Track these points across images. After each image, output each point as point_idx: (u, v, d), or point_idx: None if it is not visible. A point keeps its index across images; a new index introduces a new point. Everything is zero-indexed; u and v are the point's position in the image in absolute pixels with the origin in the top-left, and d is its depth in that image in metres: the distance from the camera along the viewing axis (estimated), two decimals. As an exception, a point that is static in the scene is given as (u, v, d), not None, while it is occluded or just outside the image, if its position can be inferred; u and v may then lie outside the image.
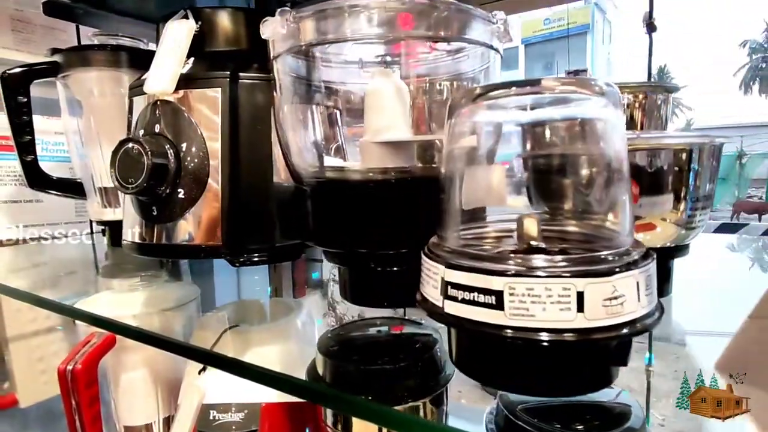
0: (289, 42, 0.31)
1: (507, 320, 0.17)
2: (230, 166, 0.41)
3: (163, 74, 0.41)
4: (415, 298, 0.28)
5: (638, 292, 0.17)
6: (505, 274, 0.17)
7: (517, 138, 0.22)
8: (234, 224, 0.41)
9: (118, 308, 0.56)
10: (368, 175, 0.31)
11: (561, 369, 0.18)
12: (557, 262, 0.17)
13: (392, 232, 0.31)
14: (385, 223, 0.31)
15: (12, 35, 0.89)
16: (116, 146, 0.41)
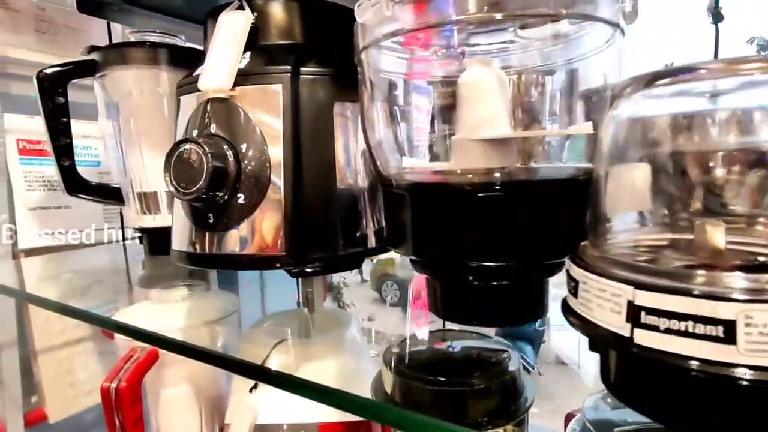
0: (392, 26, 0.27)
1: (740, 358, 0.14)
2: (293, 168, 0.38)
3: (219, 70, 0.38)
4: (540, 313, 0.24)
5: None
6: (737, 299, 0.14)
7: (704, 129, 0.18)
8: (298, 232, 0.38)
9: (160, 320, 0.53)
10: (475, 178, 0.28)
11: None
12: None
13: (498, 242, 0.27)
14: (491, 232, 0.27)
15: (35, 36, 0.87)
16: (171, 148, 0.37)
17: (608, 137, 0.19)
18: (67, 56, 0.90)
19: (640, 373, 0.17)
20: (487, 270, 0.28)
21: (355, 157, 0.42)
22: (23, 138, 0.71)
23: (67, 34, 0.91)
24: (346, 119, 0.41)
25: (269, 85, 0.38)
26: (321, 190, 0.39)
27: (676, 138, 0.19)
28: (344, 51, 0.44)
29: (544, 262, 0.28)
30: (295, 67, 0.38)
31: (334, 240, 0.40)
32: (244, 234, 0.38)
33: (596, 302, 0.17)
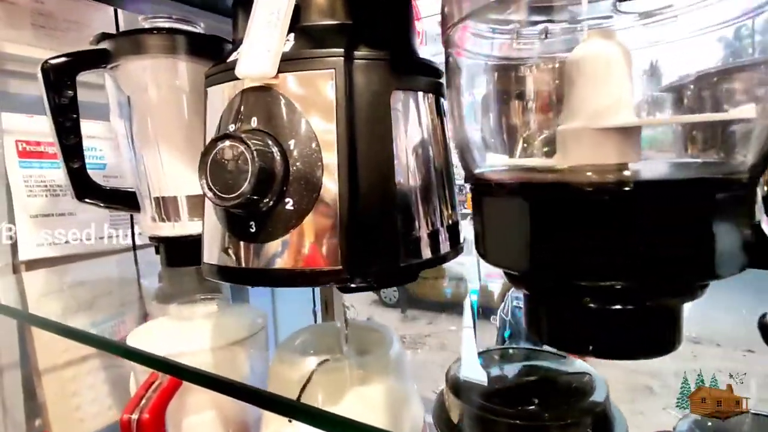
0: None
1: None
2: (348, 167, 0.32)
3: (261, 54, 0.32)
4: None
5: None
6: None
7: None
8: (356, 241, 0.32)
9: (182, 342, 0.47)
10: (600, 176, 0.22)
11: None
12: None
13: (630, 257, 0.22)
14: (622, 245, 0.22)
15: (32, 30, 0.80)
16: (206, 146, 0.32)
17: None
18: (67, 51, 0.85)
19: None
20: (612, 291, 0.23)
21: (416, 153, 0.36)
22: (23, 139, 0.65)
23: (68, 28, 0.85)
24: (404, 110, 0.36)
25: (319, 70, 0.33)
26: (379, 193, 0.34)
27: None
28: (398, 31, 0.39)
29: (687, 284, 0.23)
30: (348, 50, 0.33)
31: (394, 250, 0.34)
32: (293, 245, 0.32)
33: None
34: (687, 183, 0.22)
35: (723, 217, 0.21)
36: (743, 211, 0.22)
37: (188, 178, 0.49)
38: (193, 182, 0.49)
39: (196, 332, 0.49)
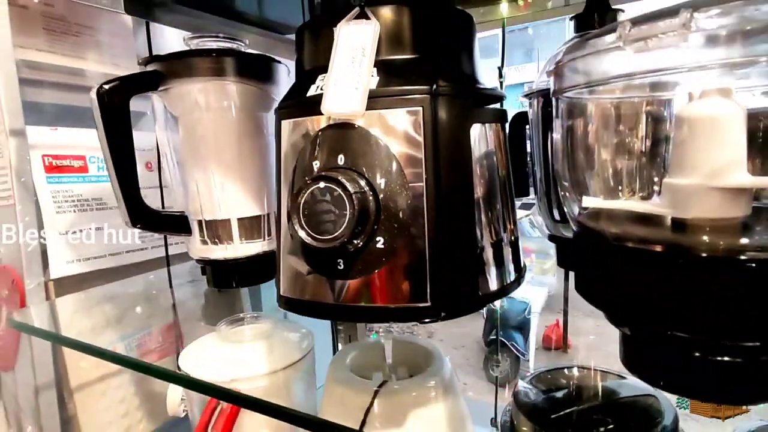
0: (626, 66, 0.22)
1: None
2: (436, 205, 0.33)
3: (348, 91, 0.32)
4: None
5: None
6: None
7: None
8: (444, 278, 0.33)
9: (234, 367, 0.47)
10: (719, 245, 0.23)
11: None
12: None
13: (744, 321, 0.23)
14: (738, 309, 0.23)
15: (44, 35, 0.78)
16: (299, 186, 0.32)
17: None
18: (80, 56, 0.82)
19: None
20: (726, 347, 0.24)
21: (489, 186, 0.37)
22: (49, 153, 0.63)
23: (79, 32, 0.82)
24: (480, 143, 0.36)
25: (407, 108, 0.33)
26: (462, 231, 0.34)
27: None
28: (470, 63, 0.39)
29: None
30: (434, 86, 0.33)
31: (474, 284, 0.35)
32: (381, 282, 0.33)
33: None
34: None
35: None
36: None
37: (241, 200, 0.48)
38: (246, 204, 0.49)
39: (249, 356, 0.49)
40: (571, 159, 0.28)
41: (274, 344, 0.51)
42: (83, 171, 0.66)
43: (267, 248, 0.50)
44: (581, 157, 0.28)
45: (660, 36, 0.20)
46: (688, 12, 0.19)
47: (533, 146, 0.54)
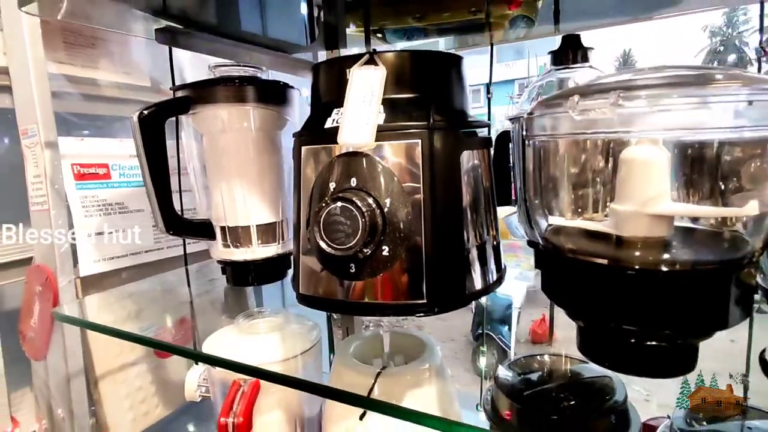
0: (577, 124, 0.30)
1: None
2: (432, 219, 0.40)
3: (361, 125, 0.39)
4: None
5: None
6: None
7: None
8: (438, 280, 0.40)
9: (256, 354, 0.54)
10: (644, 257, 0.31)
11: None
12: None
13: (663, 318, 0.31)
14: (660, 309, 0.31)
15: (64, 48, 0.83)
16: (318, 205, 0.39)
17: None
18: (99, 68, 0.87)
19: None
20: (651, 335, 0.32)
21: (475, 202, 0.44)
22: (77, 162, 0.69)
23: (94, 44, 0.87)
24: (468, 167, 0.43)
25: (409, 140, 0.40)
26: (453, 240, 0.41)
27: None
28: (460, 99, 0.46)
29: (706, 333, 0.32)
30: (431, 121, 0.40)
31: (462, 284, 0.42)
32: (386, 283, 0.40)
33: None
34: (711, 271, 0.31)
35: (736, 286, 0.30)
36: (750, 279, 0.31)
37: (259, 208, 0.55)
38: (263, 212, 0.56)
39: (265, 345, 0.56)
40: (538, 185, 0.36)
41: (286, 335, 0.58)
42: (107, 177, 0.72)
43: (281, 251, 0.57)
44: (546, 184, 0.36)
45: (596, 109, 0.27)
46: (616, 94, 0.26)
47: (515, 161, 0.61)
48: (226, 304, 0.68)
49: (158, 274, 0.75)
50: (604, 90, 0.27)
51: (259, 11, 0.70)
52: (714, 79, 0.28)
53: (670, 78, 0.29)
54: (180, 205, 0.69)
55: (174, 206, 0.51)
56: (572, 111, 0.29)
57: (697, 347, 0.33)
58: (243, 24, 0.68)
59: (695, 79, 0.29)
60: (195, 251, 0.77)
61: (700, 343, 0.33)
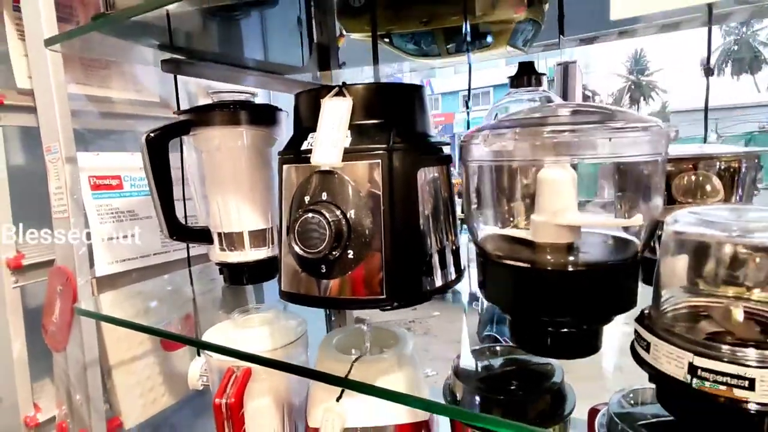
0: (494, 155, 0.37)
1: (758, 398, 0.24)
2: (390, 228, 0.47)
3: (330, 148, 0.47)
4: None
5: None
6: (761, 367, 0.24)
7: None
8: (395, 279, 0.47)
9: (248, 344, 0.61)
10: (555, 259, 0.38)
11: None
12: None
13: (571, 308, 0.38)
14: (567, 300, 0.38)
15: (82, 70, 0.92)
16: (294, 215, 0.46)
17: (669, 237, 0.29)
18: (112, 87, 0.96)
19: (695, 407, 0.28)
20: (561, 323, 0.39)
21: (434, 210, 0.51)
22: (93, 174, 0.77)
23: (108, 65, 0.96)
24: (426, 181, 0.50)
25: (371, 160, 0.47)
26: (410, 244, 0.49)
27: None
28: (421, 123, 0.53)
29: (607, 319, 0.39)
30: (390, 144, 0.47)
31: (419, 282, 0.50)
32: (351, 281, 0.47)
33: (668, 362, 0.28)
34: (603, 269, 0.37)
35: (627, 278, 0.37)
36: (635, 271, 0.37)
37: (251, 216, 0.63)
38: (255, 220, 0.63)
39: (257, 337, 0.63)
40: (473, 200, 0.43)
41: (275, 328, 0.65)
42: (119, 188, 0.80)
43: (271, 254, 0.64)
44: (480, 198, 0.43)
45: (499, 143, 0.34)
46: (513, 132, 0.33)
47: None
48: (225, 302, 0.75)
49: (165, 274, 0.83)
50: (507, 127, 0.34)
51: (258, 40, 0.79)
52: (592, 120, 0.35)
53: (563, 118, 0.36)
54: (184, 212, 0.78)
55: (176, 214, 0.59)
56: (483, 144, 0.36)
57: (601, 331, 0.40)
58: (242, 52, 0.76)
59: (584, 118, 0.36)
60: (198, 254, 0.85)
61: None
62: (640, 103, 27.47)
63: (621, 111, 0.36)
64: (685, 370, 0.27)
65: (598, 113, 0.36)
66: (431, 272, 0.51)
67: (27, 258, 0.79)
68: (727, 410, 0.25)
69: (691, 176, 0.51)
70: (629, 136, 0.34)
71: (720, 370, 0.25)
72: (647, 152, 0.35)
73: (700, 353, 0.26)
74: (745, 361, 0.25)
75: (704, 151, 0.51)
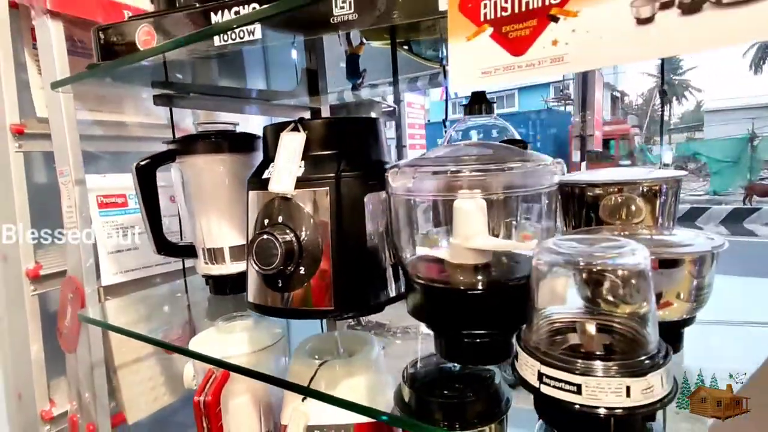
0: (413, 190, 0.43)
1: (584, 401, 0.29)
2: (337, 247, 0.53)
3: (285, 177, 0.53)
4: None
5: (662, 381, 0.29)
6: (584, 375, 0.29)
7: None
8: (342, 293, 0.53)
9: (229, 347, 0.68)
10: (466, 279, 0.43)
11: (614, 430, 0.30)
12: (612, 368, 0.29)
13: (481, 322, 0.43)
14: (477, 316, 0.43)
15: (94, 99, 1.01)
16: (252, 237, 0.53)
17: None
18: (122, 113, 1.06)
19: (545, 407, 0.33)
20: (474, 335, 0.45)
21: (379, 235, 0.57)
22: (100, 194, 0.87)
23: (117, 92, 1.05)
24: (373, 204, 0.56)
25: (320, 188, 0.53)
26: (356, 262, 0.55)
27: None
28: (372, 151, 0.60)
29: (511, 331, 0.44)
30: (337, 173, 0.54)
31: (366, 296, 0.56)
32: (304, 294, 0.54)
33: (527, 369, 0.33)
34: (508, 284, 0.43)
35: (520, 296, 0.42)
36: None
37: (230, 233, 0.70)
38: (234, 236, 0.71)
39: (239, 341, 0.70)
40: (396, 225, 0.49)
41: (254, 335, 0.72)
42: (124, 206, 0.89)
43: (250, 267, 0.71)
44: (400, 224, 0.49)
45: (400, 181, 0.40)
46: (413, 170, 0.39)
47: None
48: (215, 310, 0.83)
49: (163, 284, 0.92)
50: (410, 166, 0.40)
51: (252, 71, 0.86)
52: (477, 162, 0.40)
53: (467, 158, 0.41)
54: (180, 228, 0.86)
55: (164, 233, 0.67)
56: (390, 179, 0.42)
57: (510, 340, 0.45)
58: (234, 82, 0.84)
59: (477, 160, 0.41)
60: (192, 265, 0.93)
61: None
62: (672, 102, 26.63)
63: (516, 151, 0.42)
64: (536, 376, 0.32)
65: (494, 155, 0.41)
66: (384, 285, 0.57)
67: (44, 268, 0.89)
68: (564, 410, 0.30)
69: (617, 199, 0.55)
70: (516, 174, 0.39)
71: (556, 377, 0.30)
72: (536, 186, 0.41)
73: (546, 363, 0.31)
74: (574, 369, 0.30)
75: (629, 176, 0.56)
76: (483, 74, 0.31)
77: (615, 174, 0.59)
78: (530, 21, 0.26)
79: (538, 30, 0.26)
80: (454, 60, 0.32)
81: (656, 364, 0.30)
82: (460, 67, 0.32)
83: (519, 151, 0.42)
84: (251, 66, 0.90)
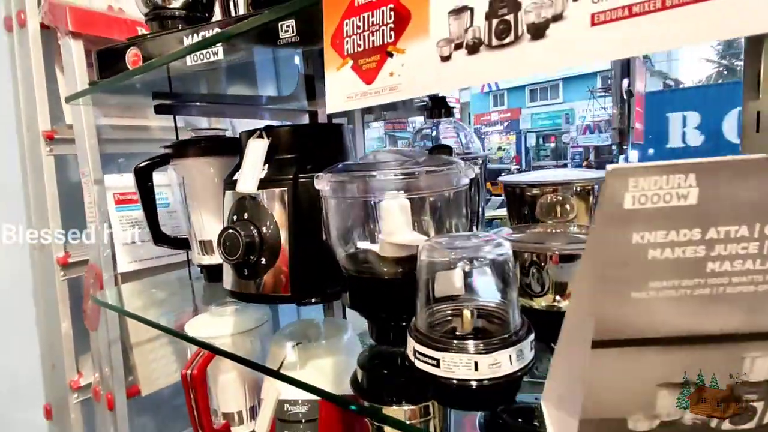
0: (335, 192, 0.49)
1: (441, 373, 0.35)
2: (295, 241, 0.60)
3: (249, 179, 0.61)
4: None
5: (510, 360, 0.34)
6: (443, 351, 0.35)
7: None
8: (299, 281, 0.60)
9: (219, 329, 0.77)
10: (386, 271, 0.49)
11: (466, 398, 0.35)
12: (465, 345, 0.34)
13: (398, 306, 0.49)
14: (396, 301, 0.49)
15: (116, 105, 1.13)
16: (221, 231, 0.61)
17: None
18: (137, 117, 1.17)
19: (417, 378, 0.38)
20: (398, 320, 0.50)
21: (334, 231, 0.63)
22: (117, 191, 0.98)
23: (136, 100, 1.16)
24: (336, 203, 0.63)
25: (280, 188, 0.60)
26: (313, 254, 0.61)
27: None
28: (332, 154, 0.66)
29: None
30: (295, 175, 0.61)
31: (322, 284, 0.62)
32: (265, 282, 0.61)
33: (411, 347, 0.39)
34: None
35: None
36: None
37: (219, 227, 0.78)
38: (222, 231, 0.79)
39: (227, 323, 0.79)
40: (330, 224, 0.55)
41: (240, 318, 0.81)
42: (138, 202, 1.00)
43: (236, 258, 0.80)
44: (332, 224, 0.55)
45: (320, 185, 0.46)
46: (329, 175, 0.45)
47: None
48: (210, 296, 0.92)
49: (172, 271, 1.02)
50: (331, 172, 0.46)
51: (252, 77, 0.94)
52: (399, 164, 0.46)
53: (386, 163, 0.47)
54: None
55: (160, 227, 0.76)
56: (317, 183, 0.48)
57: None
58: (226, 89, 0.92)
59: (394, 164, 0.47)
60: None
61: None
62: (731, 90, 24.93)
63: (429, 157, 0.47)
64: (412, 353, 0.37)
65: (408, 161, 0.47)
66: (332, 277, 0.63)
67: (72, 257, 1.01)
68: (430, 381, 0.36)
69: (552, 198, 0.59)
70: (422, 177, 0.45)
71: (423, 352, 0.36)
72: (443, 186, 0.46)
73: (418, 341, 0.37)
74: (436, 346, 0.35)
75: (563, 177, 0.59)
76: (348, 98, 0.37)
77: (554, 175, 0.62)
78: (375, 56, 0.31)
79: (380, 63, 0.31)
80: (329, 86, 0.37)
81: (507, 343, 0.34)
82: (331, 92, 0.37)
83: (433, 157, 0.47)
84: (259, 73, 0.97)
